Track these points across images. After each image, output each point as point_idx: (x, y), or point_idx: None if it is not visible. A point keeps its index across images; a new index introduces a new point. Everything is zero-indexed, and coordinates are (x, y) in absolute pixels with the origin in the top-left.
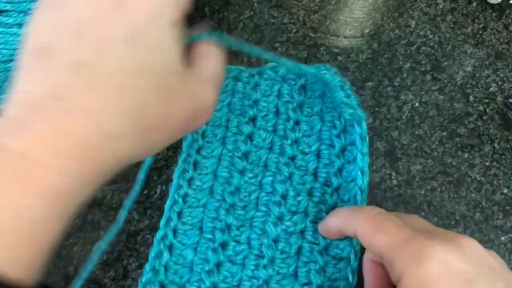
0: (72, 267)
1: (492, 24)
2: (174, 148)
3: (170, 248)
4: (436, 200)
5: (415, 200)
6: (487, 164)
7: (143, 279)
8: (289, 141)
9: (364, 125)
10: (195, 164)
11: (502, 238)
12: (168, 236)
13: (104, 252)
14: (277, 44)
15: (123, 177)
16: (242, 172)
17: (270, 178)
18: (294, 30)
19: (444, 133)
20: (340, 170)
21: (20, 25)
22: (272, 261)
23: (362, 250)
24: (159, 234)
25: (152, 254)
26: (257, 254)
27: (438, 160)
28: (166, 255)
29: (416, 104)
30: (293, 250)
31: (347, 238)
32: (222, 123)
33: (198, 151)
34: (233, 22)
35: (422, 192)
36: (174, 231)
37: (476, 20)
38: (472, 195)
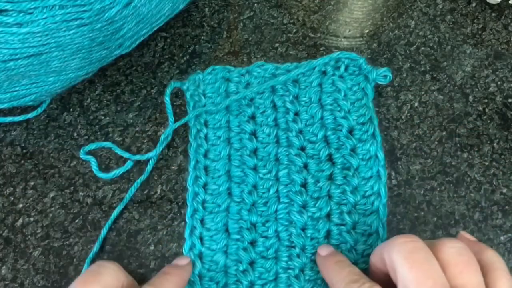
0: (72, 267)
1: (491, 24)
2: (175, 148)
3: (200, 256)
4: (435, 199)
5: (414, 200)
6: (486, 164)
7: None
8: (293, 133)
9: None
10: (206, 169)
11: (502, 237)
12: (196, 245)
13: (105, 252)
14: (277, 44)
15: (123, 177)
16: (255, 169)
17: (285, 170)
18: (294, 30)
19: (444, 133)
20: (353, 150)
21: (19, 24)
22: (303, 249)
23: (388, 222)
24: (186, 245)
25: None
26: (288, 245)
27: (438, 160)
28: (198, 264)
29: (416, 104)
30: (322, 234)
31: (374, 214)
32: (223, 125)
33: (205, 155)
34: (233, 22)
35: (422, 192)
36: (201, 239)
37: (475, 20)
38: (472, 194)
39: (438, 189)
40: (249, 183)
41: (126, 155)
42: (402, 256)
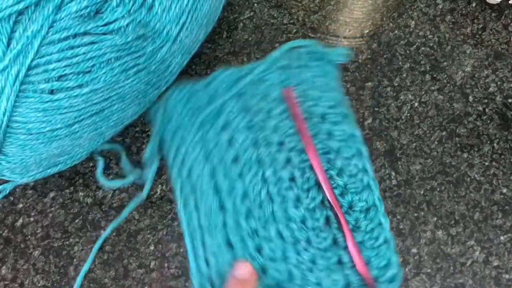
0: (72, 267)
1: (491, 24)
2: None
3: (210, 278)
4: (435, 199)
5: (414, 200)
6: (486, 164)
7: None
8: (269, 131)
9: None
10: (193, 190)
11: (502, 237)
12: (201, 269)
13: (105, 252)
14: (277, 44)
15: (123, 177)
16: (240, 175)
17: (271, 169)
18: (294, 31)
19: (444, 133)
20: (329, 133)
21: (80, 85)
22: (308, 241)
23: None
24: (192, 267)
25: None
26: (293, 241)
27: (438, 160)
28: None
29: (416, 104)
30: (321, 222)
31: (366, 189)
32: (198, 142)
33: (188, 176)
34: (233, 22)
35: (422, 192)
36: (207, 261)
37: (475, 21)
38: (472, 194)
39: (438, 189)
40: (239, 191)
41: (127, 167)
42: None
